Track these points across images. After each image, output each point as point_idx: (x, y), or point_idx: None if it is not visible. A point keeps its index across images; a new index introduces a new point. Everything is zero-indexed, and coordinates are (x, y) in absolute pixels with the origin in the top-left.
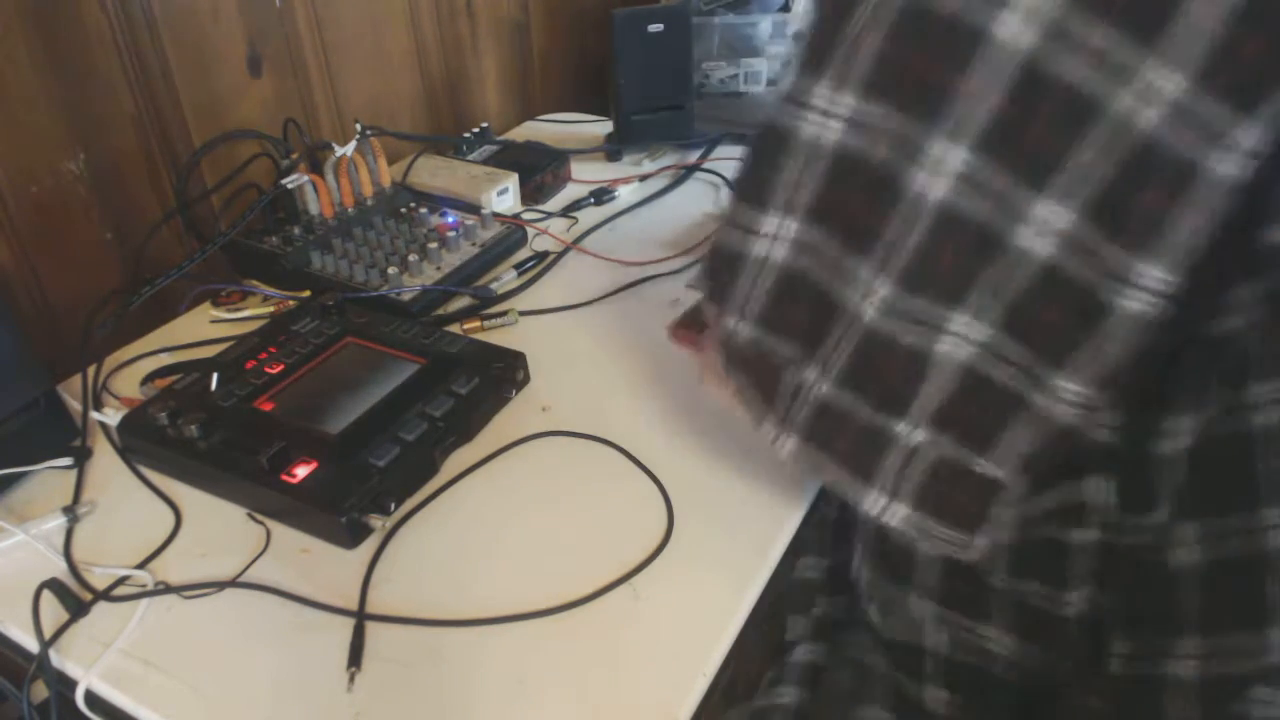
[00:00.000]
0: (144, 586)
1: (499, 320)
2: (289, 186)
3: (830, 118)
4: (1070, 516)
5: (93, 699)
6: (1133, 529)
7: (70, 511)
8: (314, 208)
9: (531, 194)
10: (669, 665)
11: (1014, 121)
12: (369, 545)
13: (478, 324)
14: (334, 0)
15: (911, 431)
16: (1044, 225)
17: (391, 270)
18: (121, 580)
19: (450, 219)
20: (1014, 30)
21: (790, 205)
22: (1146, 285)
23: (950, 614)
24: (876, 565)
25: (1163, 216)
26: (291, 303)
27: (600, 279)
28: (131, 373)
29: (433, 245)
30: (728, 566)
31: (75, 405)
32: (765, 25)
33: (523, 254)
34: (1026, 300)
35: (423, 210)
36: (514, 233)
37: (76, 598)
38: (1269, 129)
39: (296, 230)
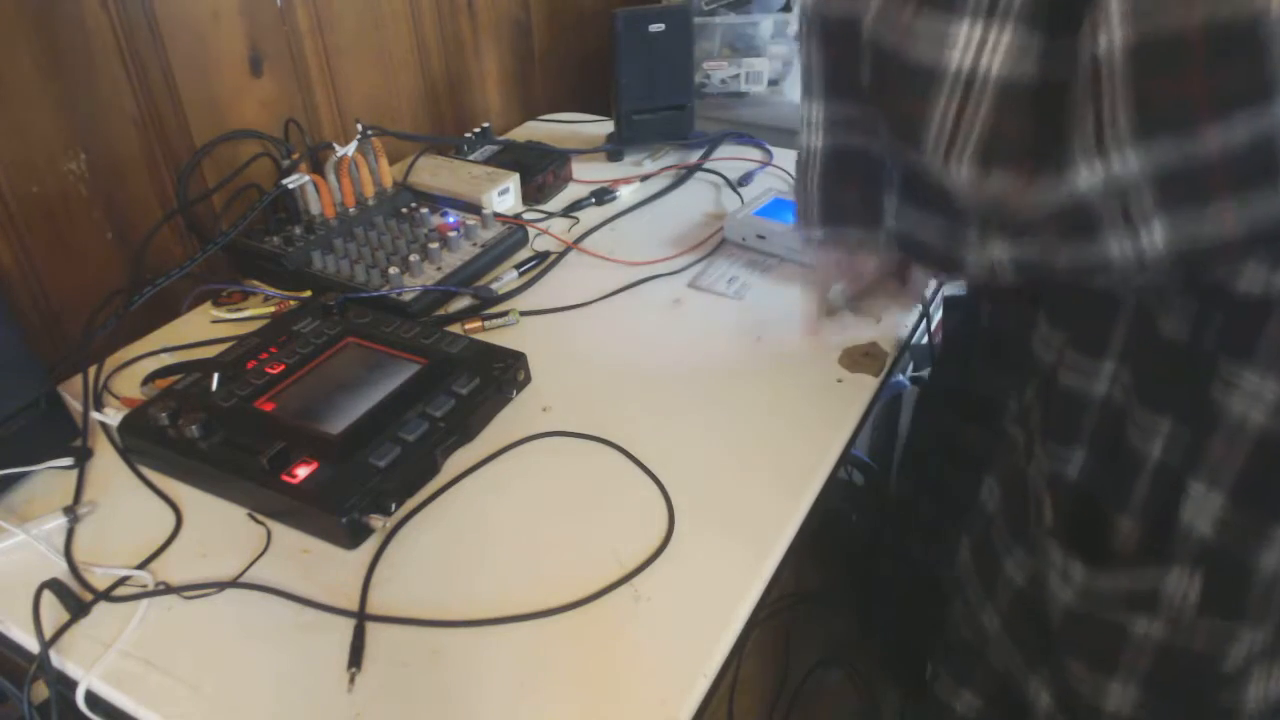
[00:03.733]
0: (144, 587)
1: (500, 320)
2: (290, 186)
3: None
4: (1139, 603)
5: (93, 699)
6: (1207, 634)
7: (71, 512)
8: (315, 208)
9: (532, 194)
10: (670, 666)
11: None
12: (369, 546)
13: (479, 324)
14: (334, 0)
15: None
16: None
17: (392, 270)
18: (122, 580)
19: (451, 219)
20: None
21: None
22: None
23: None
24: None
25: None
26: (292, 303)
27: (601, 279)
28: (132, 373)
29: (434, 245)
30: (728, 567)
31: (76, 405)
32: (766, 25)
33: (524, 254)
34: None
35: (424, 210)
36: (515, 233)
37: (77, 598)
38: None
39: (297, 230)
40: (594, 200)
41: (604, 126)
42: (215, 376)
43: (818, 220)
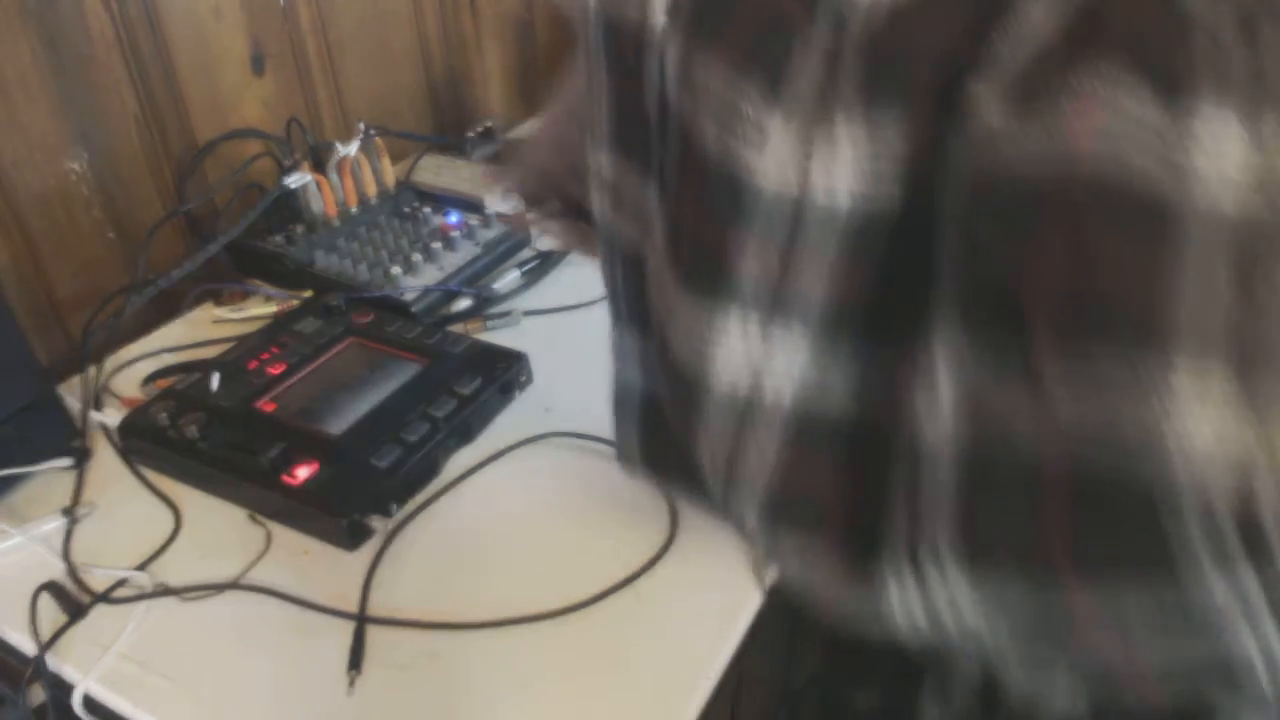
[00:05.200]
0: (143, 589)
1: (502, 320)
2: (292, 186)
3: None
4: None
5: (91, 703)
6: None
7: (70, 513)
8: (317, 207)
9: None
10: (672, 668)
11: None
12: (370, 547)
13: (480, 324)
14: None
15: None
16: None
17: (394, 270)
18: (121, 582)
19: (453, 218)
20: None
21: None
22: None
23: None
24: None
25: None
26: (294, 303)
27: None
28: (133, 373)
29: (436, 245)
30: (732, 569)
31: (76, 406)
32: None
33: (526, 254)
34: None
35: (426, 210)
36: (517, 232)
37: (75, 600)
38: None
39: (299, 230)
40: None
41: None
42: (216, 376)
43: (639, 462)
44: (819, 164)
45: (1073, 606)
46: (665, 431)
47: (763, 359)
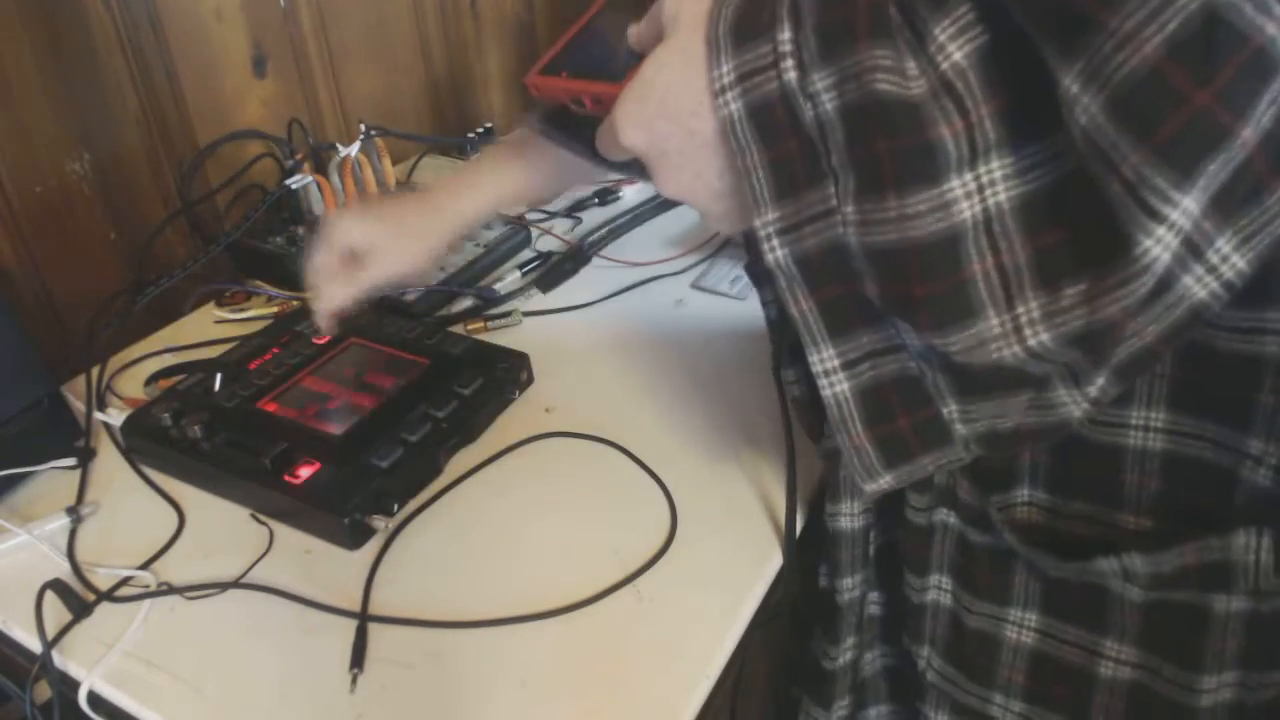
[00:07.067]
0: (147, 587)
1: (502, 321)
2: (293, 187)
3: None
4: (1212, 578)
5: (95, 699)
6: None
7: (74, 512)
8: (318, 208)
9: None
10: (672, 667)
11: None
12: (372, 546)
13: (481, 325)
14: (338, 0)
15: None
16: None
17: None
18: (124, 581)
19: None
20: None
21: None
22: None
23: (1047, 716)
24: (950, 660)
25: None
26: (295, 303)
27: (604, 279)
28: (135, 373)
29: None
30: (732, 567)
31: (79, 406)
32: None
33: (526, 254)
34: None
35: None
36: (518, 233)
37: (79, 598)
38: None
39: (301, 231)
40: (597, 201)
41: None
42: (218, 377)
43: (882, 469)
44: (941, 57)
45: (1248, 145)
46: (888, 415)
47: (981, 189)
